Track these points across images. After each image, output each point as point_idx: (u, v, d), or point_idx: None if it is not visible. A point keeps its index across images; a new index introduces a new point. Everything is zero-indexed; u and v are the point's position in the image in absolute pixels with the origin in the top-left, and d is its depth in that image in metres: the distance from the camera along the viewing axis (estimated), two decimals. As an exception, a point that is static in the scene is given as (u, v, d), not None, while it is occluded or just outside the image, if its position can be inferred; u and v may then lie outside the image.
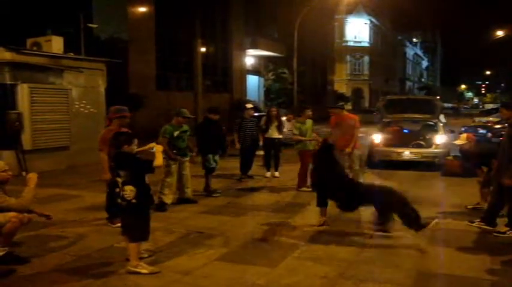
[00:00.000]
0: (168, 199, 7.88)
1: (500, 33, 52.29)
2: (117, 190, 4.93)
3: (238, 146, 10.69)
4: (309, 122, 9.82)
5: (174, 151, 7.87)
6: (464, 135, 8.12)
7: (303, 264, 5.27)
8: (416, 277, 4.88)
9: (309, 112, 9.88)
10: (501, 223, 6.53)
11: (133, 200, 4.85)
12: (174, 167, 7.91)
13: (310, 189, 8.76)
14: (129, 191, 4.83)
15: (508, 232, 6.25)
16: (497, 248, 5.84)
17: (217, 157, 9.09)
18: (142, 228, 4.97)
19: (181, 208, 7.94)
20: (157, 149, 5.14)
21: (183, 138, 8.04)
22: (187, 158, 8.18)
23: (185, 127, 8.13)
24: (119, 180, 4.92)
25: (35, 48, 12.84)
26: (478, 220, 6.69)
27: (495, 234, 6.32)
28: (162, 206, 7.71)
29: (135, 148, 5.03)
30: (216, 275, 4.93)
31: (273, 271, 5.05)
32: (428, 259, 5.43)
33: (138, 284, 4.69)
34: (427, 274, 4.98)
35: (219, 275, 4.95)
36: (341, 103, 10.55)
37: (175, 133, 7.86)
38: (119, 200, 4.94)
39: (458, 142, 8.06)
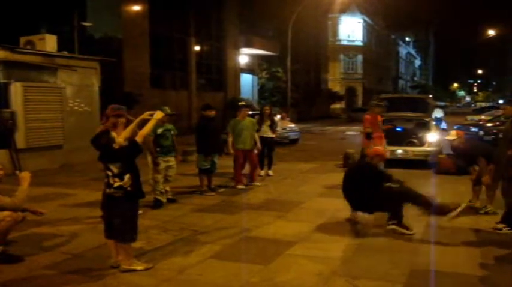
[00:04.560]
0: (163, 197, 7.97)
1: (491, 32, 52.71)
2: (111, 181, 4.86)
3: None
4: (247, 121, 9.92)
5: (158, 149, 7.92)
6: (454, 131, 8.14)
7: (297, 262, 5.29)
8: (409, 274, 4.91)
9: (247, 111, 10.15)
10: (493, 219, 6.61)
11: (129, 188, 4.84)
12: (161, 166, 7.94)
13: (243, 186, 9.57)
14: (126, 179, 4.83)
15: (504, 229, 6.28)
16: (489, 244, 5.88)
17: (215, 158, 9.10)
18: (130, 228, 4.93)
19: (175, 206, 7.96)
20: (157, 115, 5.14)
21: (167, 136, 8.04)
22: (170, 157, 8.11)
23: (169, 126, 8.14)
24: (110, 173, 4.86)
25: (28, 46, 12.79)
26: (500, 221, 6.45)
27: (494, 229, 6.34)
28: (158, 204, 7.82)
29: (121, 140, 4.85)
30: (211, 273, 4.94)
31: (267, 268, 5.08)
32: (421, 256, 5.46)
33: (133, 282, 4.70)
34: (420, 271, 5.01)
35: (214, 273, 4.96)
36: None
37: (159, 131, 7.85)
38: (111, 190, 4.85)
39: (448, 138, 8.06)
